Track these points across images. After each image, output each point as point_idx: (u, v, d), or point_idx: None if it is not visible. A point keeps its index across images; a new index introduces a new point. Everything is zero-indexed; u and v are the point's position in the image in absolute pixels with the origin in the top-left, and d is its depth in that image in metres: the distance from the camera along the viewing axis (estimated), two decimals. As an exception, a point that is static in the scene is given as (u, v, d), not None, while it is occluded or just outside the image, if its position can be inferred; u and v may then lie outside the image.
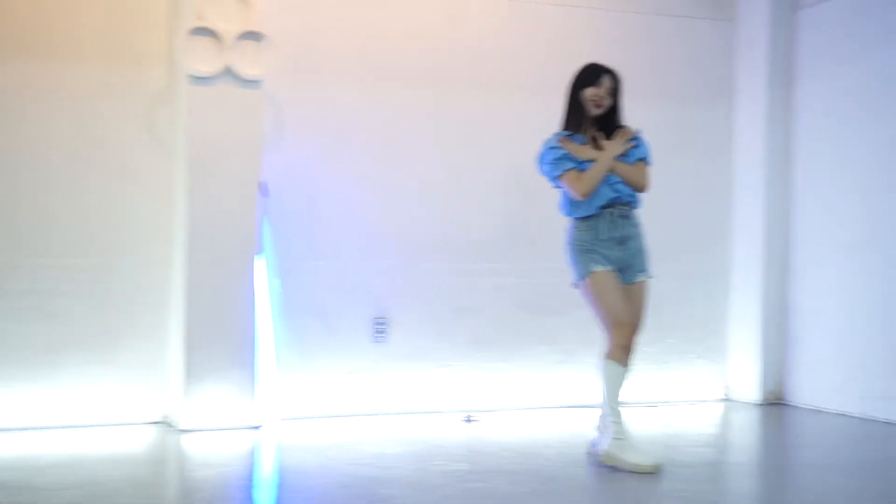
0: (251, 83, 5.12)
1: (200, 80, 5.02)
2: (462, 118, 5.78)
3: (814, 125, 6.00)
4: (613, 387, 4.25)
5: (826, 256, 5.89)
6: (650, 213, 6.04)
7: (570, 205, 4.37)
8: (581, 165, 4.30)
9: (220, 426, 5.01)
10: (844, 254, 5.77)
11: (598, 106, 4.35)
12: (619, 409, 4.25)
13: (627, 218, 4.36)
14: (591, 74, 4.38)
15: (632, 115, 6.19)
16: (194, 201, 5.02)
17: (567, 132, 4.39)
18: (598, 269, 4.27)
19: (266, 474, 4.29)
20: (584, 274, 4.30)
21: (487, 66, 5.82)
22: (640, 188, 4.40)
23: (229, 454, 4.55)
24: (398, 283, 5.67)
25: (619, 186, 4.33)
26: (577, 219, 4.36)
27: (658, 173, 6.12)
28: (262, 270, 5.25)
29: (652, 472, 4.12)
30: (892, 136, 5.49)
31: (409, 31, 5.69)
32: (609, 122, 4.40)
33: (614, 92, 4.38)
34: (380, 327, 5.62)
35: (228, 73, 5.07)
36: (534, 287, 5.89)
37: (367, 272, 5.61)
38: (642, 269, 4.37)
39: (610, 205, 4.32)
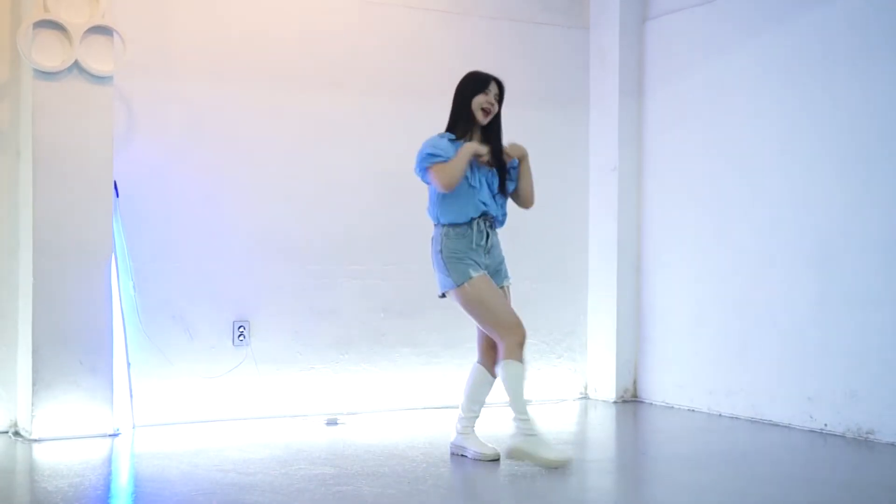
0: (101, 79, 4.96)
1: (46, 75, 4.84)
2: (319, 119, 5.75)
3: (662, 132, 6.24)
4: (517, 386, 4.33)
5: (675, 258, 6.14)
6: (510, 217, 6.19)
7: (444, 212, 4.40)
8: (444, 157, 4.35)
9: (73, 434, 4.83)
10: (692, 255, 6.03)
11: (487, 113, 4.42)
12: (527, 406, 4.34)
13: (493, 229, 4.49)
14: (480, 82, 4.45)
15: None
16: (41, 202, 4.83)
17: (451, 136, 4.43)
18: (477, 273, 4.34)
19: (124, 484, 4.17)
20: (461, 280, 4.34)
21: (342, 67, 5.82)
22: (528, 204, 4.59)
23: (84, 464, 4.38)
24: (259, 285, 5.59)
25: (491, 204, 4.45)
26: (447, 227, 4.40)
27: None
28: (113, 273, 5.09)
29: (563, 466, 4.25)
30: (732, 142, 5.77)
31: (263, 30, 5.63)
32: (492, 129, 4.48)
33: (500, 99, 4.48)
34: (240, 330, 5.54)
35: (76, 68, 4.90)
36: (396, 289, 5.92)
37: (227, 274, 5.52)
38: (506, 275, 4.53)
39: (479, 216, 4.41)
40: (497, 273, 4.46)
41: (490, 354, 4.47)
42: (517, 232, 6.26)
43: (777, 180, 5.52)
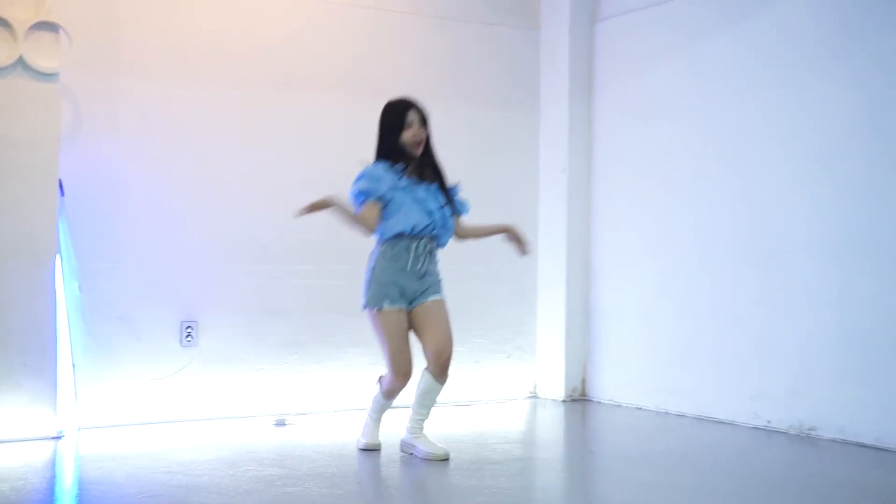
0: (46, 76, 4.88)
1: (-10, 71, 4.76)
2: (269, 118, 5.72)
3: (611, 133, 6.30)
4: (376, 410, 4.64)
5: (624, 258, 6.20)
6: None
7: (387, 227, 4.40)
8: (382, 200, 4.35)
9: (15, 437, 4.75)
10: (640, 255, 6.09)
11: (418, 145, 4.41)
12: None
13: (431, 255, 4.49)
14: (398, 117, 4.40)
15: (442, 120, 6.33)
16: (-16, 200, 4.75)
17: (389, 163, 4.42)
18: (388, 307, 4.39)
19: (68, 487, 4.11)
20: (372, 305, 4.41)
21: (294, 66, 5.79)
22: (464, 238, 4.65)
23: (27, 467, 4.31)
24: (206, 284, 5.55)
25: (438, 218, 4.43)
26: (386, 245, 4.41)
27: (468, 178, 6.26)
28: (58, 273, 5.01)
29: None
30: (680, 143, 5.84)
31: (214, 28, 5.59)
32: (428, 153, 4.48)
33: (424, 122, 4.44)
34: (188, 330, 5.48)
35: (21, 65, 4.82)
36: (345, 289, 5.88)
37: (174, 273, 5.46)
38: (436, 292, 4.49)
39: (420, 235, 4.40)
40: (425, 291, 4.45)
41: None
42: (467, 232, 6.31)
43: (723, 181, 5.60)
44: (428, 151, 4.49)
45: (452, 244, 4.70)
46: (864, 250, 4.90)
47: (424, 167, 4.49)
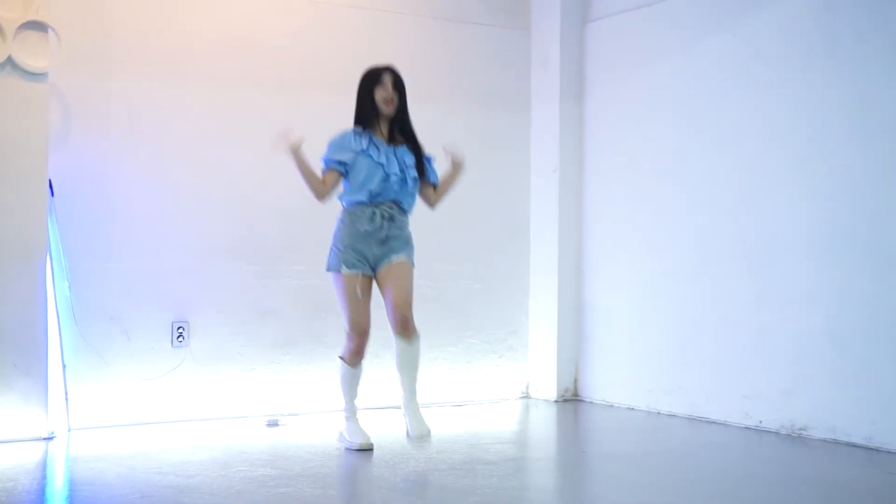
0: (36, 76, 4.86)
1: (-22, 71, 4.74)
2: (259, 118, 5.69)
3: (603, 134, 6.30)
4: (346, 385, 4.73)
5: (616, 258, 6.21)
6: (453, 218, 6.22)
7: (348, 192, 4.58)
8: (343, 166, 4.54)
9: (6, 438, 4.73)
10: (633, 255, 6.10)
11: (389, 103, 4.57)
12: (354, 400, 4.73)
13: (393, 220, 4.53)
14: (373, 76, 4.63)
15: (433, 120, 6.33)
16: (-27, 201, 4.73)
17: (359, 129, 4.61)
18: (347, 272, 4.52)
19: (58, 488, 4.09)
20: (330, 269, 4.60)
21: (284, 67, 5.78)
22: (432, 205, 4.75)
23: (17, 468, 4.29)
24: (198, 285, 5.53)
25: (396, 184, 4.52)
26: (347, 212, 4.58)
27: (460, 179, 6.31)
28: (48, 273, 4.99)
29: (368, 449, 4.61)
30: (672, 144, 5.85)
31: (205, 28, 5.57)
32: (397, 118, 4.62)
33: (398, 85, 4.60)
34: (180, 331, 5.47)
35: (10, 64, 4.80)
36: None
37: (165, 274, 5.45)
38: (399, 252, 4.54)
39: (377, 201, 4.51)
40: (387, 255, 4.53)
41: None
42: (459, 232, 6.31)
43: (716, 182, 5.61)
44: (402, 117, 4.62)
45: (454, 243, 4.69)
46: (857, 251, 4.91)
47: (396, 131, 4.61)
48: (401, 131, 4.62)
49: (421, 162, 4.62)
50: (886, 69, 4.81)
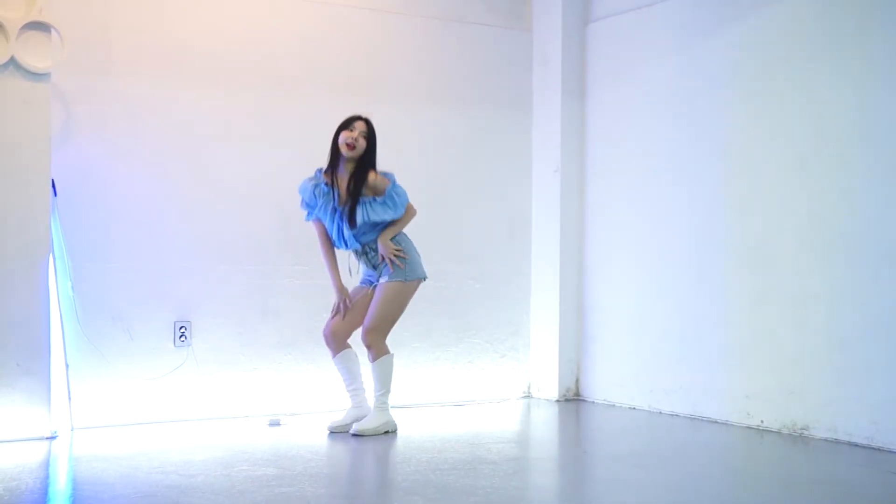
0: (38, 76, 4.87)
1: (-20, 71, 4.75)
2: (260, 118, 5.71)
3: (604, 134, 6.31)
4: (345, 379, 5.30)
5: (617, 258, 6.21)
6: (455, 217, 6.24)
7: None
8: (312, 211, 5.09)
9: (9, 438, 4.74)
10: (634, 254, 6.11)
11: (350, 147, 4.95)
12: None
13: (367, 254, 5.10)
14: (347, 121, 5.05)
15: (435, 121, 6.35)
16: (-25, 201, 4.73)
17: (320, 170, 5.09)
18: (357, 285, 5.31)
19: (61, 487, 4.10)
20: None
21: (286, 66, 5.79)
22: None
23: (20, 467, 4.30)
24: (200, 284, 5.54)
25: (343, 242, 5.07)
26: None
27: (461, 179, 6.33)
28: (51, 273, 5.00)
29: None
30: (673, 144, 5.86)
31: (205, 29, 5.58)
32: (361, 163, 4.98)
33: (367, 135, 4.99)
34: (182, 331, 5.48)
35: (13, 64, 4.81)
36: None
37: (168, 274, 5.46)
38: (385, 275, 5.06)
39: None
40: (377, 277, 5.14)
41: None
42: (461, 232, 6.32)
43: (716, 182, 5.62)
44: (362, 167, 4.96)
45: (456, 243, 4.70)
46: (858, 250, 4.92)
47: (352, 177, 4.96)
48: (355, 180, 4.94)
49: (352, 213, 4.98)
50: (888, 70, 4.82)
